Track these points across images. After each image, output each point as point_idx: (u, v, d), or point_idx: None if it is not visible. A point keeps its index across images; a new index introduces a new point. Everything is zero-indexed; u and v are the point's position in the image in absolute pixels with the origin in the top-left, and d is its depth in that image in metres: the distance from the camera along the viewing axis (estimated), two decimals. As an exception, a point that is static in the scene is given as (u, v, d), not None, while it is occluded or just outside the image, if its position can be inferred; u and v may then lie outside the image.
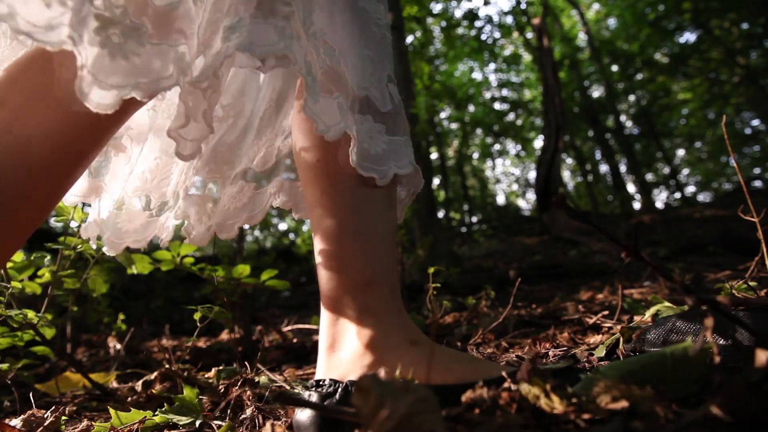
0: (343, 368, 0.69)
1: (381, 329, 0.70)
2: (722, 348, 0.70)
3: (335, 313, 0.73)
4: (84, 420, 0.97)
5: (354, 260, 0.72)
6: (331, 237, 0.73)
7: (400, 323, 0.72)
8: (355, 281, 0.71)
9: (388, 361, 0.67)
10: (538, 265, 3.69)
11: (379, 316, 0.70)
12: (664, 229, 5.26)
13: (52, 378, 1.40)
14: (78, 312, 1.80)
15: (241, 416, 0.81)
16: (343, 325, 0.71)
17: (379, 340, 0.69)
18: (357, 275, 0.72)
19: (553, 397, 0.46)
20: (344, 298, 0.72)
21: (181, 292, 4.43)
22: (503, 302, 2.00)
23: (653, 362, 0.48)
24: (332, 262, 0.73)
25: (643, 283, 2.20)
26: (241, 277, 1.42)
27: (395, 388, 0.41)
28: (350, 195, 0.74)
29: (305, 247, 3.77)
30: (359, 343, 0.69)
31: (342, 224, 0.73)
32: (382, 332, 0.69)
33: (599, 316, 1.37)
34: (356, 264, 0.72)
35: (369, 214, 0.74)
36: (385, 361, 0.67)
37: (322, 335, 0.74)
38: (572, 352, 1.00)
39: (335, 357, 0.71)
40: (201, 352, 1.79)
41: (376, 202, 0.75)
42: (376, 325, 0.70)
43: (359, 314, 0.70)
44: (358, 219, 0.73)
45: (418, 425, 0.38)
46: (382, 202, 0.75)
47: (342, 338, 0.71)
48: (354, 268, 0.72)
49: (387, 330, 0.70)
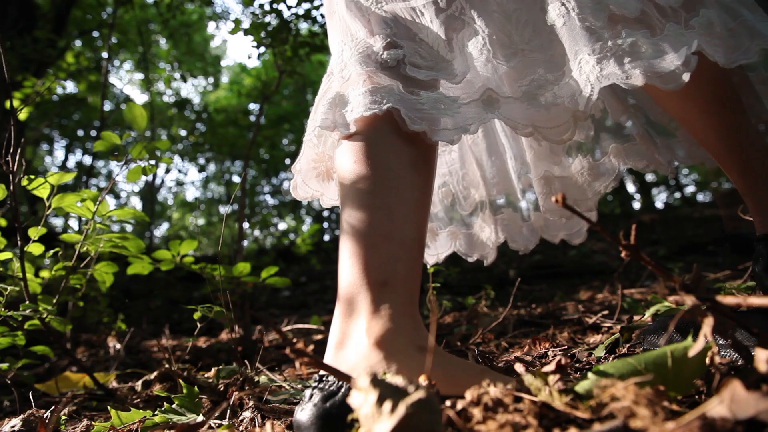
0: (348, 366, 0.69)
1: (391, 331, 0.69)
2: (722, 347, 0.70)
3: (348, 310, 0.73)
4: (84, 420, 0.97)
5: (373, 259, 0.72)
6: (357, 234, 0.74)
7: (412, 327, 0.71)
8: (372, 280, 0.71)
9: (393, 364, 0.67)
10: (538, 265, 3.69)
11: (390, 318, 0.70)
12: (664, 229, 5.26)
13: (52, 378, 1.40)
14: (78, 312, 1.80)
15: (241, 416, 0.81)
16: (354, 322, 0.71)
17: (387, 341, 0.68)
18: (374, 274, 0.71)
19: (554, 392, 0.46)
20: (359, 296, 0.72)
21: (180, 292, 4.43)
22: (503, 302, 2.00)
23: (653, 362, 0.48)
24: (352, 259, 0.73)
25: (643, 283, 2.20)
26: (241, 276, 1.41)
27: (395, 389, 0.41)
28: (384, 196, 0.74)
29: (305, 247, 3.76)
30: (367, 343, 0.69)
31: (372, 223, 0.74)
32: (391, 334, 0.69)
33: (599, 316, 1.37)
34: (374, 263, 0.72)
35: (399, 219, 0.74)
36: (390, 363, 0.67)
37: (333, 330, 0.74)
38: (572, 352, 1.00)
39: (342, 354, 0.71)
40: (201, 352, 1.79)
41: (406, 203, 0.75)
42: (387, 326, 0.69)
43: (371, 313, 0.70)
44: (390, 221, 0.74)
45: (417, 425, 0.38)
46: (414, 203, 0.76)
47: (351, 336, 0.71)
48: (372, 267, 0.72)
49: (396, 333, 0.69)
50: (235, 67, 14.03)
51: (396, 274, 0.72)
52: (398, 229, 0.73)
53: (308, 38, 3.17)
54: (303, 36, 3.18)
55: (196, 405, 0.83)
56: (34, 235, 1.13)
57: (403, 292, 0.72)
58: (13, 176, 1.08)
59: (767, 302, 0.42)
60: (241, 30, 3.02)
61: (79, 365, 1.25)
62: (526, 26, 0.74)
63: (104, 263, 1.29)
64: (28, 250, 1.15)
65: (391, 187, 0.75)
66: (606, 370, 0.48)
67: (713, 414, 0.35)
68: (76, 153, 12.69)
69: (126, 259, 1.33)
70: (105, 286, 1.36)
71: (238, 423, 0.79)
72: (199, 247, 3.07)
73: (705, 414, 0.36)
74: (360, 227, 0.74)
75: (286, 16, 3.03)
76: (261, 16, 3.05)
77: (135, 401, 1.10)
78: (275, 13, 3.02)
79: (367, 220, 0.74)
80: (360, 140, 0.77)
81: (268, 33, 3.01)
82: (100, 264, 1.28)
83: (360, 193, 0.75)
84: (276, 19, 3.03)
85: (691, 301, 0.46)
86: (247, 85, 10.91)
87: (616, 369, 0.48)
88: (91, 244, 1.20)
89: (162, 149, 1.24)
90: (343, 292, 0.74)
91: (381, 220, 0.73)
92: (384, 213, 0.74)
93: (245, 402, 0.87)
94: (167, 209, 14.86)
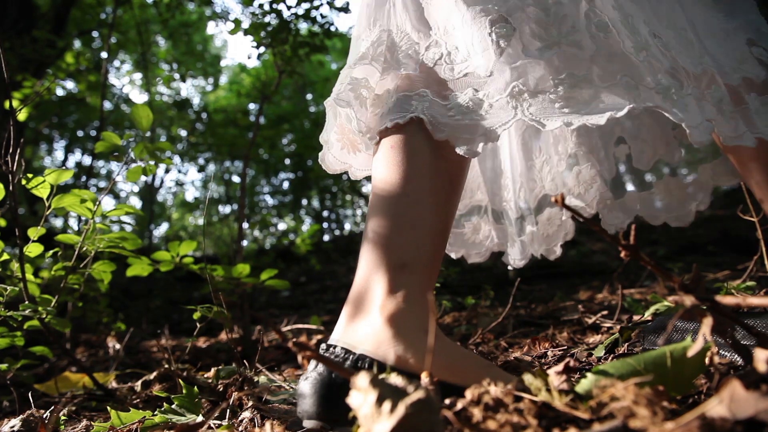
0: (358, 338, 0.70)
1: (404, 312, 0.70)
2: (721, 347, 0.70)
3: (365, 287, 0.74)
4: (83, 420, 0.97)
5: (396, 242, 0.74)
6: (384, 217, 0.75)
7: (425, 313, 0.73)
8: (392, 262, 0.73)
9: (402, 343, 0.68)
10: (538, 265, 3.69)
11: (406, 299, 0.71)
12: (664, 228, 5.26)
13: (51, 378, 1.40)
14: (77, 312, 1.80)
15: (241, 416, 0.81)
16: (369, 298, 0.72)
17: (399, 321, 0.69)
18: (394, 257, 0.73)
19: (554, 392, 0.46)
20: (377, 275, 0.73)
21: (180, 292, 4.43)
22: (502, 302, 2.00)
23: (653, 362, 0.48)
24: (376, 240, 0.75)
25: (642, 283, 2.20)
26: (241, 277, 1.41)
27: (395, 389, 0.41)
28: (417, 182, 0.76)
29: (305, 247, 3.76)
30: (379, 319, 0.70)
31: (399, 209, 0.75)
32: (404, 315, 0.70)
33: (598, 316, 1.37)
34: (397, 246, 0.73)
35: (427, 208, 0.76)
36: (399, 342, 0.68)
37: (348, 304, 0.75)
38: (572, 352, 1.00)
39: (353, 326, 0.72)
40: (200, 352, 1.79)
41: (435, 194, 0.77)
42: (401, 306, 0.71)
43: (387, 293, 0.71)
44: (418, 209, 0.75)
45: (417, 425, 0.38)
46: (444, 195, 0.78)
47: (364, 310, 0.72)
48: (393, 250, 0.73)
49: (410, 314, 0.70)
50: (235, 67, 14.03)
51: (417, 260, 0.73)
52: (425, 217, 0.75)
53: (308, 38, 3.16)
54: (303, 36, 3.17)
55: (195, 405, 0.83)
56: (34, 235, 1.13)
57: (421, 279, 0.73)
58: (13, 176, 1.08)
59: (767, 302, 0.42)
60: (241, 30, 3.02)
61: (79, 365, 1.25)
62: (564, 20, 0.74)
63: (101, 262, 1.29)
64: (28, 251, 1.15)
65: (423, 176, 0.76)
66: (606, 370, 0.48)
67: (712, 414, 0.35)
68: (75, 153, 12.69)
69: (126, 259, 1.33)
70: (104, 286, 1.36)
71: (238, 423, 0.78)
72: (198, 247, 3.08)
73: (704, 414, 0.36)
74: (387, 211, 0.76)
75: (285, 16, 3.02)
76: (261, 16, 3.05)
77: (134, 401, 1.10)
78: (275, 13, 3.01)
79: (395, 204, 0.75)
80: (394, 132, 0.79)
81: (267, 33, 3.01)
82: (98, 263, 1.28)
83: (391, 178, 0.77)
84: (276, 19, 3.02)
85: (691, 301, 0.46)
86: (247, 85, 10.90)
87: (616, 369, 0.48)
88: (91, 244, 1.20)
89: (164, 151, 1.24)
90: (361, 270, 0.75)
91: (409, 206, 0.75)
92: (412, 200, 0.75)
93: (245, 402, 0.87)
94: (167, 210, 14.86)
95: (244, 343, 1.69)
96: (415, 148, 0.77)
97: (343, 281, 4.74)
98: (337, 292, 4.30)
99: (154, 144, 1.22)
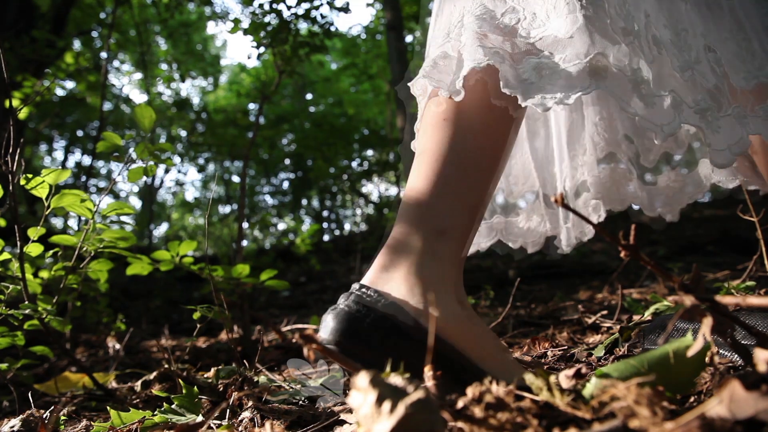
0: (390, 286, 0.71)
1: (438, 272, 0.72)
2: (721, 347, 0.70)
3: (400, 244, 0.74)
4: (83, 420, 0.97)
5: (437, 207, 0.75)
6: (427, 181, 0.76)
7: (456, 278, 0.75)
8: (431, 226, 0.74)
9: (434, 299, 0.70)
10: (538, 265, 3.68)
11: (441, 262, 0.73)
12: (664, 228, 5.24)
13: (51, 378, 1.40)
14: (77, 312, 1.80)
15: (241, 416, 0.81)
16: (404, 255, 0.73)
17: (432, 280, 0.71)
18: (435, 221, 0.74)
19: (555, 391, 0.46)
20: (415, 236, 0.74)
21: (180, 292, 4.43)
22: (502, 302, 2.00)
23: (655, 362, 0.48)
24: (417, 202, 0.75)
25: (642, 283, 2.20)
26: (241, 277, 1.41)
27: (394, 388, 0.41)
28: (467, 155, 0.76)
29: (304, 247, 3.76)
30: (413, 272, 0.71)
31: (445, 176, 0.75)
32: (437, 275, 0.72)
33: (598, 316, 1.37)
34: (438, 211, 0.74)
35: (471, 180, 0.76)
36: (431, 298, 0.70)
37: (381, 255, 0.75)
38: (571, 352, 1.00)
39: (384, 275, 0.73)
40: (200, 352, 1.79)
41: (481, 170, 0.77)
42: (435, 266, 0.72)
43: (423, 252, 0.72)
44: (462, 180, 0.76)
45: (417, 425, 0.38)
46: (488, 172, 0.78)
47: (398, 264, 0.73)
48: (434, 214, 0.74)
49: (443, 276, 0.72)
50: (235, 67, 14.02)
51: (455, 228, 0.75)
52: (467, 190, 0.76)
53: (308, 38, 3.17)
54: (303, 36, 3.17)
55: (195, 405, 0.83)
56: (34, 235, 1.13)
57: (456, 246, 0.75)
58: (12, 176, 1.08)
59: (767, 302, 0.42)
60: (241, 30, 3.02)
61: (79, 365, 1.25)
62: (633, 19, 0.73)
63: (97, 261, 1.29)
64: (28, 251, 1.15)
65: (472, 148, 0.77)
66: (608, 372, 0.48)
67: (712, 414, 0.35)
68: (75, 153, 12.69)
69: (126, 259, 1.33)
70: (103, 285, 1.36)
71: (238, 423, 0.78)
72: (199, 247, 3.07)
73: (704, 414, 0.36)
74: (432, 174, 0.76)
75: (285, 16, 3.02)
76: (261, 16, 3.05)
77: (134, 401, 1.10)
78: (275, 12, 3.01)
79: (441, 171, 0.76)
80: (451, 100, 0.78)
81: (267, 33, 3.01)
82: (94, 262, 1.28)
83: (441, 145, 0.77)
84: (276, 19, 3.02)
85: (691, 301, 0.46)
86: (247, 85, 10.90)
87: (619, 371, 0.48)
88: (90, 245, 1.20)
89: (165, 151, 1.23)
90: (398, 231, 0.76)
91: (454, 175, 0.76)
92: (459, 171, 0.76)
93: (244, 402, 0.87)
94: (167, 209, 14.86)
95: (244, 343, 1.69)
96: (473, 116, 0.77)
97: (343, 281, 4.73)
98: (337, 292, 4.29)
99: (156, 144, 1.22)
